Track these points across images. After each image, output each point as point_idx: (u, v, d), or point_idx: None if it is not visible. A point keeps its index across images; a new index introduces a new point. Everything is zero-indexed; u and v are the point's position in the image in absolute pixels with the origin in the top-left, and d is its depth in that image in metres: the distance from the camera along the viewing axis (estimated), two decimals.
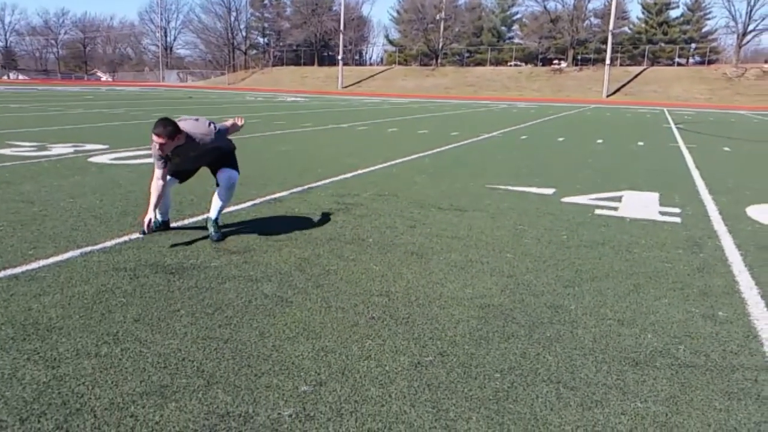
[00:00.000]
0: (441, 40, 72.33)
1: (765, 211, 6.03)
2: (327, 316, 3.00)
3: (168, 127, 3.96)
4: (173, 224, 4.65)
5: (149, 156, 8.73)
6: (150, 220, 4.19)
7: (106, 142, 10.43)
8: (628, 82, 57.92)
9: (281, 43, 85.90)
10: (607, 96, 52.89)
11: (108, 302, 3.10)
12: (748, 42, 62.90)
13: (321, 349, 2.63)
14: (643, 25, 71.20)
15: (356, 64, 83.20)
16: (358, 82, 68.06)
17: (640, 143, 13.34)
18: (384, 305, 3.19)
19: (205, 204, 5.32)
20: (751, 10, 59.68)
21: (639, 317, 3.15)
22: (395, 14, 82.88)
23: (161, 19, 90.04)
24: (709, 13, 69.49)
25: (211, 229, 4.39)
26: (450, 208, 5.78)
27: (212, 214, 4.44)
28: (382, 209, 5.59)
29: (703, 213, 5.85)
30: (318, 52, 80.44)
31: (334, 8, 78.85)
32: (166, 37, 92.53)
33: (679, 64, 67.78)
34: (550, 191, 6.82)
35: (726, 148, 12.87)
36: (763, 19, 61.29)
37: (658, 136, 15.72)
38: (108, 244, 4.14)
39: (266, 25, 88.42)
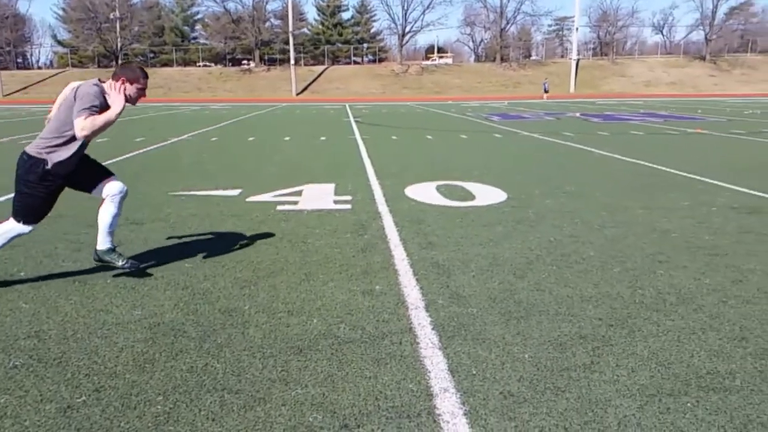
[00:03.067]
0: (119, 40, 66.93)
1: (418, 189, 6.99)
2: None
3: None
4: None
5: None
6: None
7: None
8: (314, 80, 61.87)
9: None
10: (297, 94, 55.69)
11: None
12: (407, 42, 72.73)
13: None
14: (321, 27, 76.68)
15: (20, 68, 72.01)
16: (24, 88, 59.08)
17: (323, 138, 14.32)
18: (32, 349, 2.77)
19: None
20: (405, 14, 69.08)
21: (307, 304, 3.33)
22: (61, 12, 73.84)
23: None
24: (375, 15, 78.40)
25: (120, 260, 3.70)
26: (125, 222, 5.35)
27: (106, 243, 3.67)
28: (40, 235, 4.88)
29: (370, 197, 6.52)
30: None
31: None
32: None
33: (356, 63, 74.96)
34: (236, 192, 6.83)
35: (394, 137, 14.62)
36: (416, 21, 71.31)
37: (339, 130, 17.10)
38: None
39: None
